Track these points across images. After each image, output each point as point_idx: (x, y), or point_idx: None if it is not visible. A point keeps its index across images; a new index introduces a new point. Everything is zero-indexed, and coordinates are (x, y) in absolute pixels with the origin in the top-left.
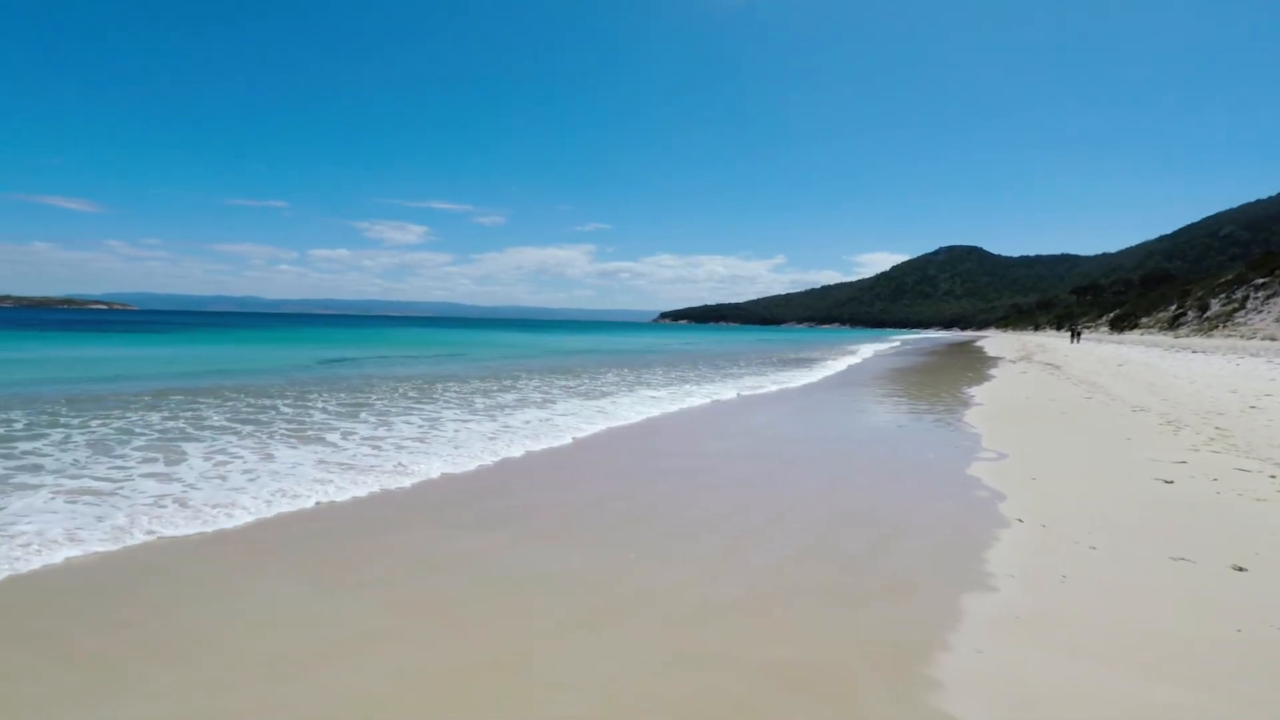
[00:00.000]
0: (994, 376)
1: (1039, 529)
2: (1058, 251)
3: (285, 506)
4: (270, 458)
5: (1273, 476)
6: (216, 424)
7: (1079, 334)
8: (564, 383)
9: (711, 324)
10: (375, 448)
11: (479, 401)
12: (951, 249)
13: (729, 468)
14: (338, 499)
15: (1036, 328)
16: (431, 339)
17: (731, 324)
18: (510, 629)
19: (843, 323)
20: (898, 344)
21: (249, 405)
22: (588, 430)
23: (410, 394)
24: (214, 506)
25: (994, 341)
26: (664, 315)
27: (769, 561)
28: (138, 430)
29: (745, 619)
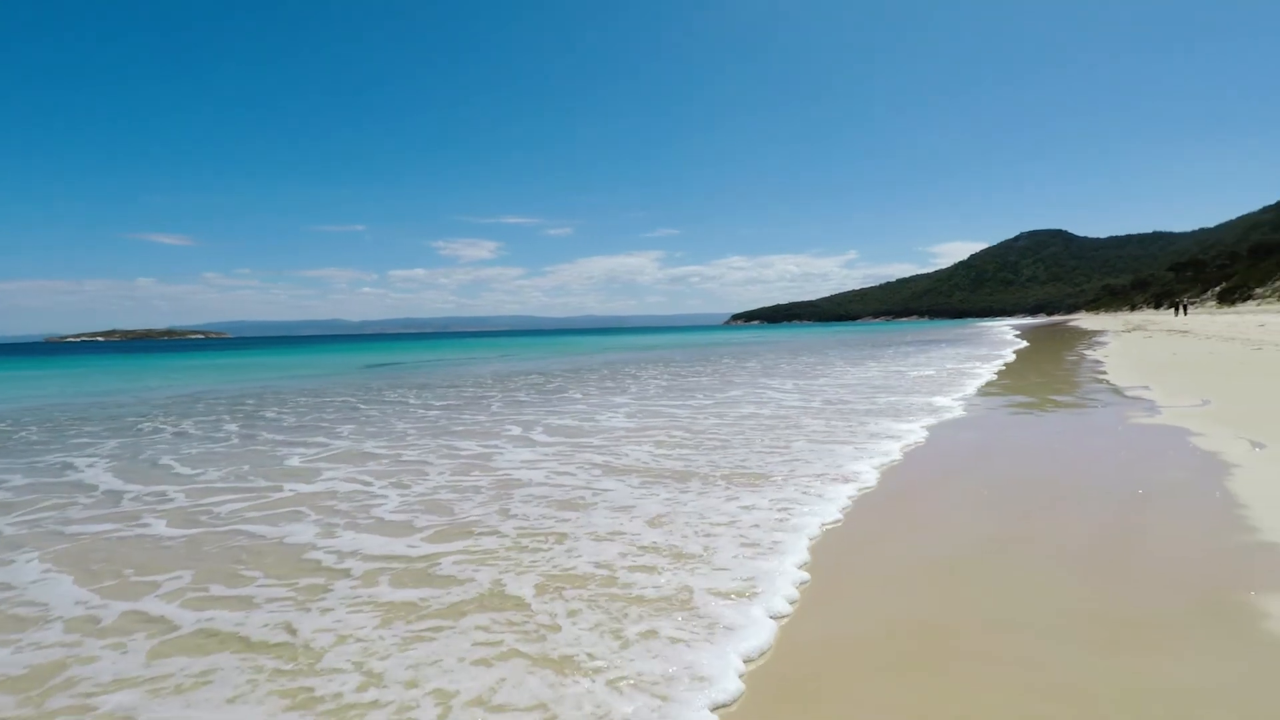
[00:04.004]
0: (1107, 343)
1: None
2: (1149, 230)
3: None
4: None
5: None
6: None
7: (1185, 308)
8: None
9: (784, 323)
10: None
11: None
12: (1034, 234)
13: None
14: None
15: (1133, 308)
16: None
17: (805, 322)
18: None
19: (920, 314)
20: (1001, 325)
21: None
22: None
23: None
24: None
25: (1088, 320)
26: (736, 317)
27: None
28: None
29: None
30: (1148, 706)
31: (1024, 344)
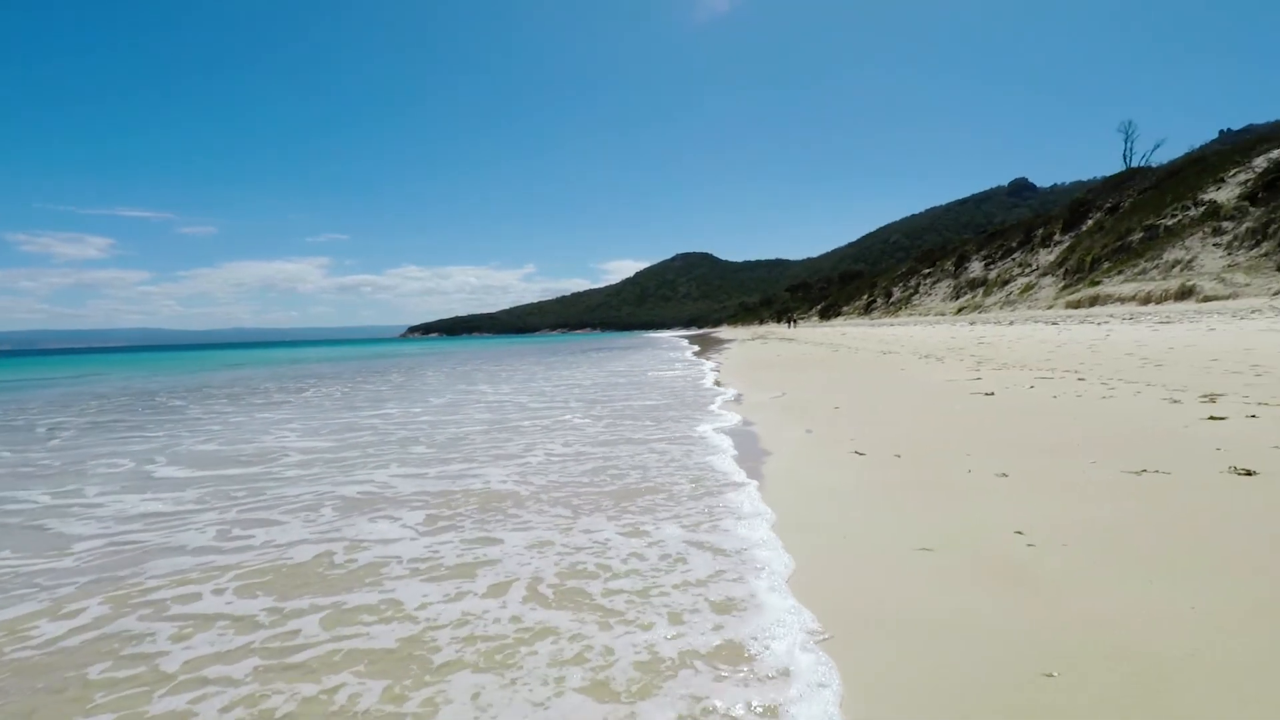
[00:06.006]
0: (731, 349)
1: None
2: (773, 256)
3: None
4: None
5: (1081, 379)
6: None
7: (794, 321)
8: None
9: (464, 335)
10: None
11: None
12: (687, 255)
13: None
14: None
15: (761, 321)
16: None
17: (485, 334)
18: None
19: (593, 327)
20: (667, 335)
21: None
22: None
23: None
24: None
25: (727, 332)
26: (413, 329)
27: None
28: None
29: None
30: None
31: (696, 347)
